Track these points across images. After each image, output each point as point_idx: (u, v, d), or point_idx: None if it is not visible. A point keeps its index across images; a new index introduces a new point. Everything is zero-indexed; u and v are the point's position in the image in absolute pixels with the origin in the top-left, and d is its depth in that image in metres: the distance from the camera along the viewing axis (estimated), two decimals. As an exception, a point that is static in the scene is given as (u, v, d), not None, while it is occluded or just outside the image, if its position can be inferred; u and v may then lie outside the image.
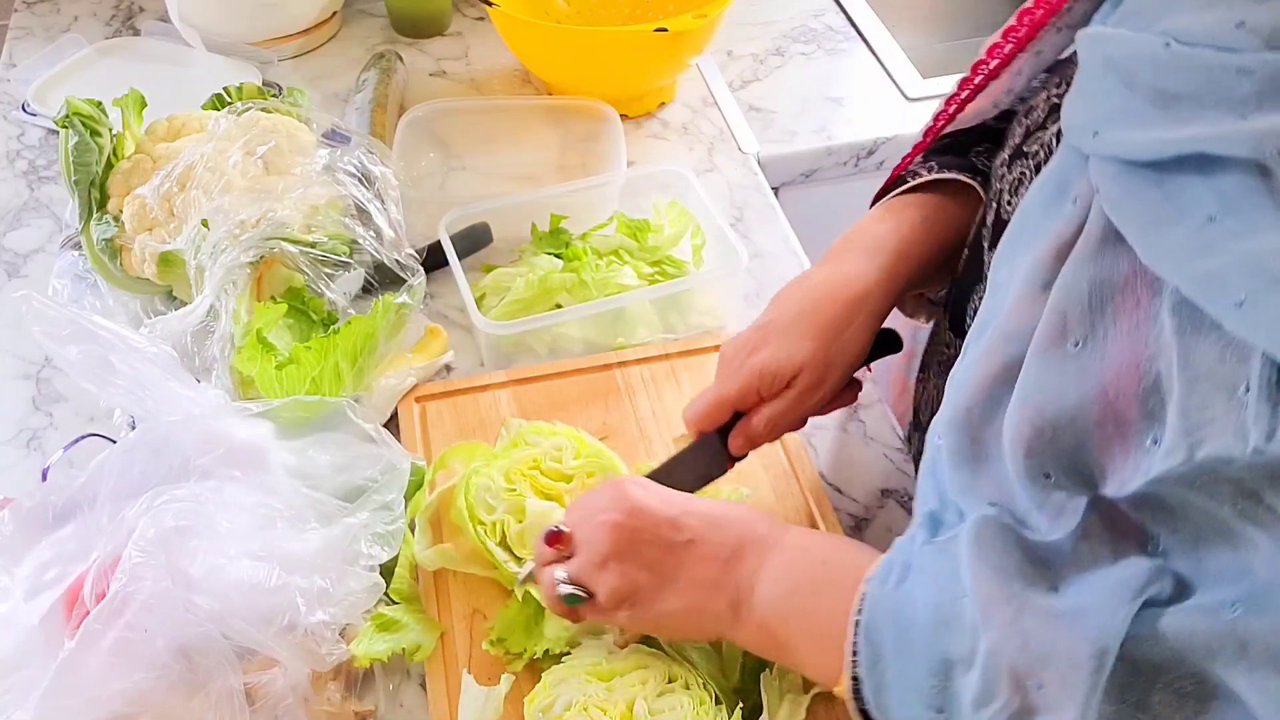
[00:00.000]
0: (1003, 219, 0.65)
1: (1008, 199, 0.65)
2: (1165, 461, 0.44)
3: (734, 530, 0.64)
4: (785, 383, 0.71)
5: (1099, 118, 0.52)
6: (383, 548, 0.74)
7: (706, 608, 0.63)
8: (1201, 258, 0.43)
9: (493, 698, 0.68)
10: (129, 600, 0.62)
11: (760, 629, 0.62)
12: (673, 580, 0.63)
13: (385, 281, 0.95)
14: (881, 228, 0.76)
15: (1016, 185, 0.65)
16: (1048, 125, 0.64)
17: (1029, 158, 0.64)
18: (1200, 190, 0.45)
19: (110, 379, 0.74)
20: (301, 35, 1.33)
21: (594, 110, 1.14)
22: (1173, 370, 0.44)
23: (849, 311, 0.72)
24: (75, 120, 0.95)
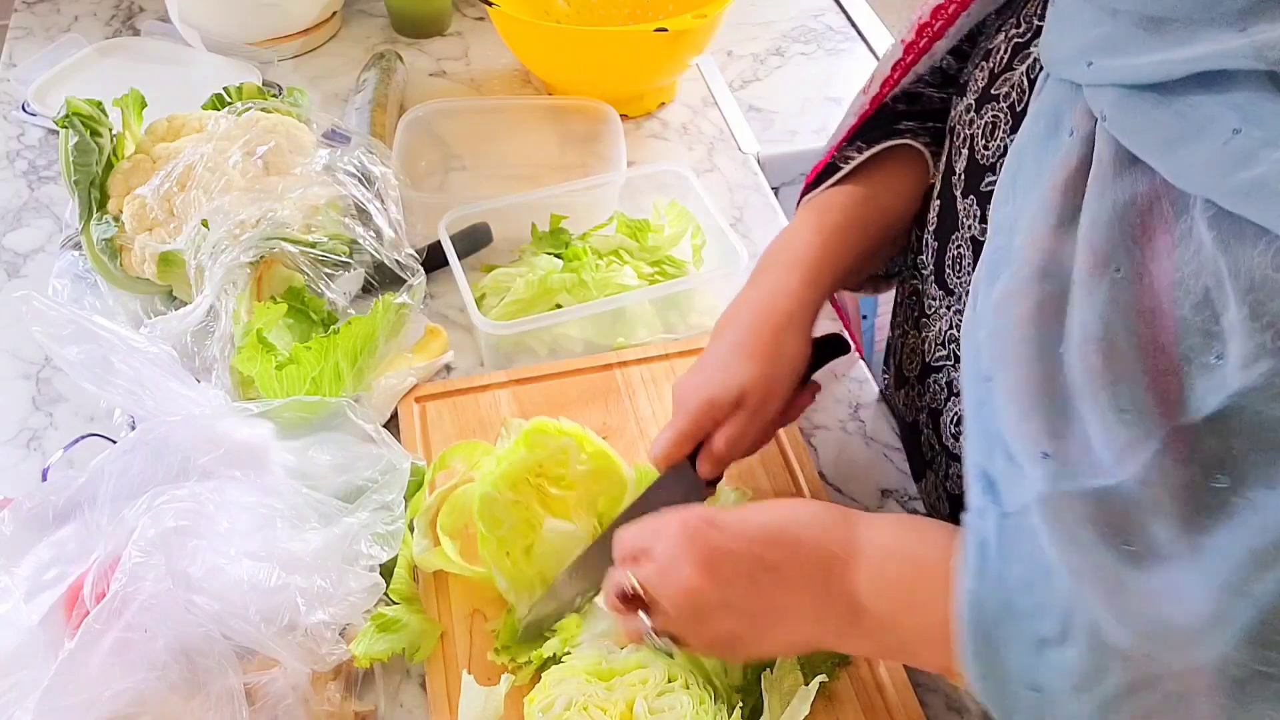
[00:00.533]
0: (978, 163, 0.67)
1: (982, 143, 0.66)
2: (1246, 374, 0.43)
3: (813, 548, 0.61)
4: (733, 407, 0.72)
5: (1087, 47, 0.52)
6: (383, 548, 0.74)
7: (814, 635, 0.61)
8: (1239, 170, 0.43)
9: (493, 698, 0.68)
10: (129, 600, 0.62)
11: (872, 641, 0.61)
12: (770, 616, 0.61)
13: (385, 281, 0.95)
14: (800, 240, 0.78)
15: (991, 129, 0.66)
16: (1014, 66, 0.64)
17: (999, 100, 0.65)
18: (1214, 106, 0.45)
19: (110, 379, 0.74)
20: (301, 35, 1.33)
21: (594, 110, 1.14)
22: (1224, 283, 0.44)
23: (778, 331, 0.74)
24: (75, 120, 0.95)
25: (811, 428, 0.90)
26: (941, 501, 0.79)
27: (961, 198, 0.69)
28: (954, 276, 0.72)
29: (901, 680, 0.71)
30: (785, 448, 0.86)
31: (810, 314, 0.76)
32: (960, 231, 0.70)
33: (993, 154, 0.66)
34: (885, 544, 0.60)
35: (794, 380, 0.75)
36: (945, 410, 0.76)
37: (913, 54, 0.73)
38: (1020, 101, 0.63)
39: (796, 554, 0.61)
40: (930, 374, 0.78)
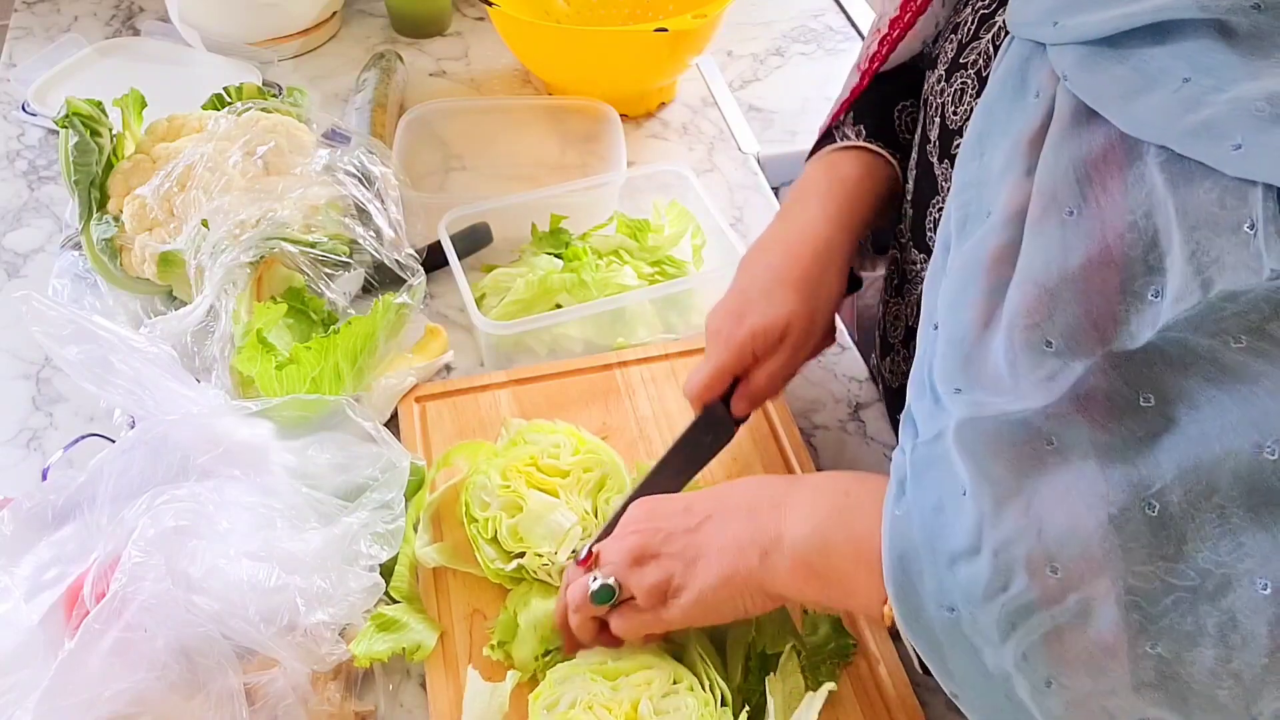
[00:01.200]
0: (949, 129, 0.69)
1: (952, 109, 0.69)
2: (1176, 307, 0.45)
3: (745, 491, 0.65)
4: (778, 340, 0.73)
5: (1054, 7, 0.54)
6: (383, 547, 0.74)
7: (740, 567, 0.63)
8: (1188, 114, 0.46)
9: (497, 694, 0.68)
10: (129, 600, 0.62)
11: (798, 568, 0.61)
12: (703, 556, 0.63)
13: (385, 281, 0.95)
14: (826, 179, 0.80)
15: (959, 95, 0.68)
16: (980, 36, 0.67)
17: (967, 68, 0.67)
18: (1165, 59, 0.48)
19: (110, 379, 0.74)
20: (301, 35, 1.33)
21: (594, 110, 1.14)
22: (1171, 223, 0.46)
23: (821, 260, 0.75)
24: (75, 120, 0.95)
25: (811, 428, 0.90)
26: None
27: (937, 163, 0.71)
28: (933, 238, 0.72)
29: (901, 680, 0.71)
30: (785, 448, 0.86)
31: (848, 246, 0.77)
32: (939, 196, 0.71)
33: (960, 118, 0.68)
34: (819, 482, 0.64)
35: (831, 314, 0.76)
36: None
37: (898, 28, 0.75)
38: (986, 67, 0.65)
39: (730, 499, 0.65)
40: (913, 337, 0.78)
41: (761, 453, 0.85)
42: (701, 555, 0.64)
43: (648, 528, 0.66)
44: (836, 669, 0.71)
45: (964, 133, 0.66)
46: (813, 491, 0.63)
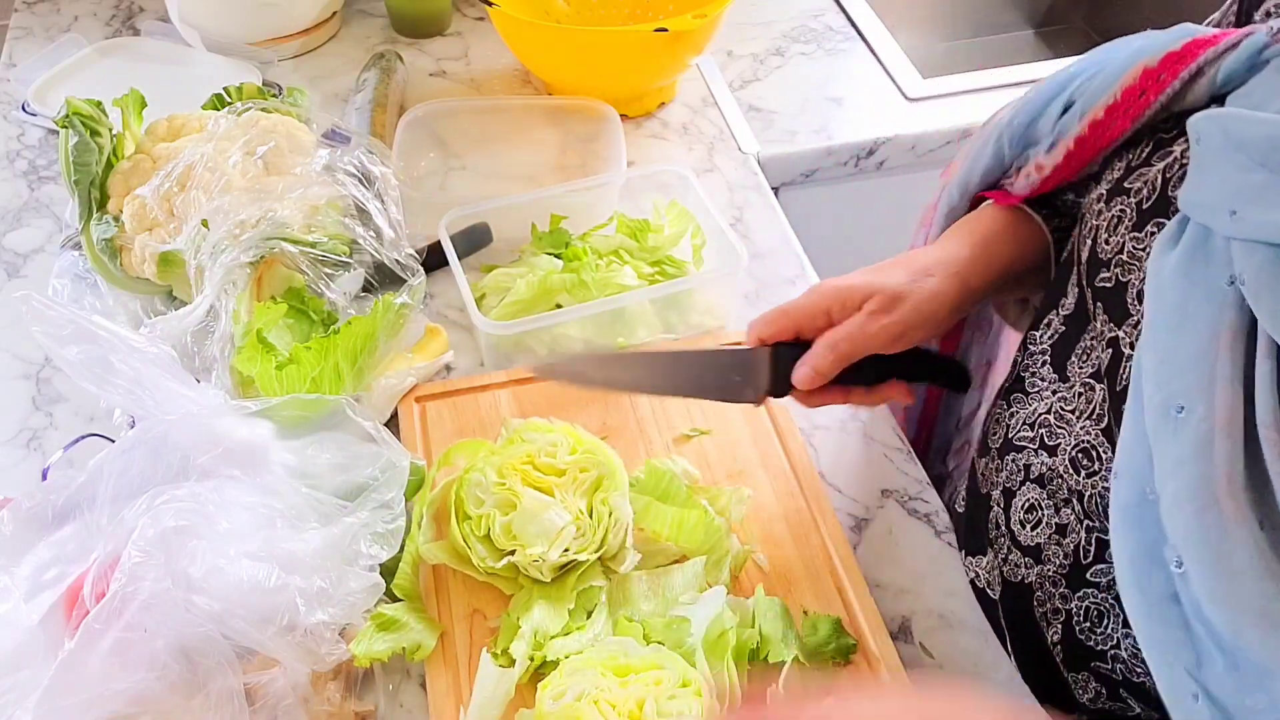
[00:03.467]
0: (1098, 256, 0.64)
1: (1105, 236, 0.64)
2: None
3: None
4: (857, 304, 0.69)
5: (1234, 195, 0.50)
6: (383, 547, 0.74)
7: None
8: None
9: (506, 679, 0.68)
10: (129, 600, 0.62)
11: None
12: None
13: (385, 281, 0.95)
14: (967, 221, 0.78)
15: (1115, 223, 0.63)
16: (1152, 162, 0.62)
17: (1129, 195, 0.62)
18: None
19: (110, 379, 0.74)
20: (301, 35, 1.33)
21: (594, 110, 1.14)
22: None
23: (936, 264, 0.72)
24: (75, 120, 0.95)
25: (811, 428, 0.90)
26: (994, 585, 0.76)
27: (1087, 286, 0.66)
28: (1077, 366, 0.68)
29: (902, 680, 0.71)
30: (786, 448, 0.86)
31: (970, 274, 0.72)
32: (1093, 324, 0.66)
33: (1112, 250, 0.63)
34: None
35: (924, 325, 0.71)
36: (1019, 493, 0.72)
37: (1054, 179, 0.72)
38: (1149, 199, 0.61)
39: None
40: (1010, 450, 0.74)
41: (761, 453, 0.85)
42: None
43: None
44: (837, 668, 0.71)
45: (1110, 266, 0.63)
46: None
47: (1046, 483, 0.69)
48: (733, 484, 0.82)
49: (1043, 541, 0.69)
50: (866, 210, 1.29)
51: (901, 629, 0.76)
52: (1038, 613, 0.70)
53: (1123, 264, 0.61)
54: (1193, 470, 0.50)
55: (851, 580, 0.76)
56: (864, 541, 0.82)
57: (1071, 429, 0.67)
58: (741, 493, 0.80)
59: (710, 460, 0.85)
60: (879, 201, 1.29)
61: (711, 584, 0.75)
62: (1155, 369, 0.54)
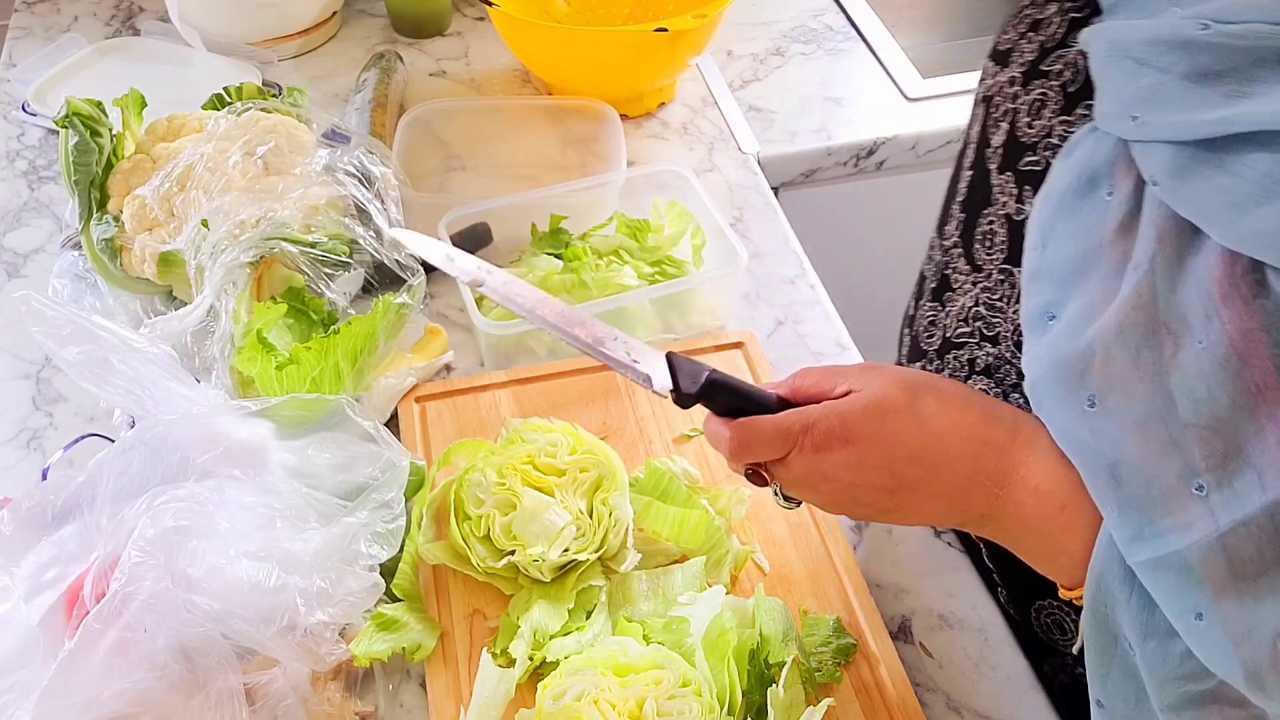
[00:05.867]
0: (1019, 140, 0.64)
1: (1026, 120, 0.64)
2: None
3: (957, 477, 0.58)
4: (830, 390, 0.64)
5: (1132, 99, 0.51)
6: (383, 547, 0.74)
7: (936, 522, 0.62)
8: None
9: (506, 679, 0.68)
10: (129, 600, 0.62)
11: (992, 536, 0.60)
12: (896, 514, 0.60)
13: (385, 281, 0.95)
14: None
15: (1038, 106, 0.63)
16: (1068, 44, 0.62)
17: (1050, 77, 0.63)
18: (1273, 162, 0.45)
19: (110, 379, 0.74)
20: (301, 35, 1.33)
21: (594, 110, 1.14)
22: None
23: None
24: (75, 120, 0.95)
25: (811, 428, 0.90)
26: None
27: (997, 172, 0.66)
28: (983, 253, 0.70)
29: (901, 680, 0.71)
30: (785, 448, 0.86)
31: None
32: (993, 208, 0.68)
33: (1037, 134, 0.63)
34: (1038, 484, 0.57)
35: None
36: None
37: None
38: (1074, 82, 0.61)
39: (938, 478, 0.58)
40: (951, 349, 0.75)
41: (761, 453, 0.85)
42: (898, 515, 0.60)
43: (845, 486, 0.59)
44: (837, 668, 0.71)
45: (1037, 149, 0.63)
46: (1027, 496, 0.57)
47: (994, 371, 0.70)
48: (733, 484, 0.82)
49: None
50: (866, 210, 1.29)
51: (901, 629, 0.76)
52: None
53: (1053, 147, 0.61)
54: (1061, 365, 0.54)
55: (851, 580, 0.76)
56: (864, 541, 0.82)
57: (1006, 314, 0.68)
58: (741, 493, 0.80)
59: (710, 460, 0.85)
60: (879, 201, 1.29)
61: (711, 584, 0.75)
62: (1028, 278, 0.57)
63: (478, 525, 0.75)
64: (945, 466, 0.57)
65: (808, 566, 0.78)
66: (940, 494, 0.58)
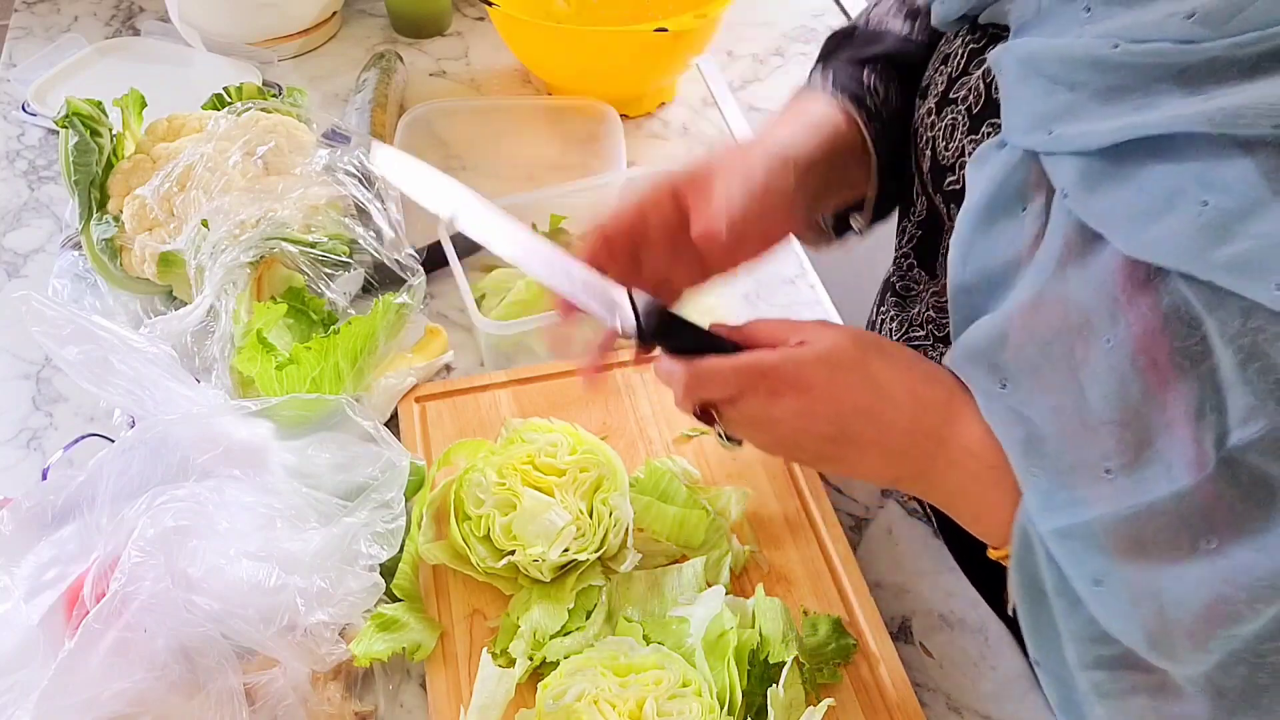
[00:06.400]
0: (940, 163, 0.69)
1: (943, 144, 0.68)
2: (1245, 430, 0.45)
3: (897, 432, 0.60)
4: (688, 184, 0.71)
5: (1048, 114, 0.54)
6: (383, 547, 0.74)
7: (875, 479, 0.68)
8: (1217, 245, 0.45)
9: (506, 679, 0.68)
10: (129, 600, 0.62)
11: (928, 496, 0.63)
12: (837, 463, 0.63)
13: (385, 281, 0.95)
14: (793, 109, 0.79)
15: (950, 130, 0.68)
16: (970, 71, 0.67)
17: (958, 103, 0.67)
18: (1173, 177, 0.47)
19: (110, 379, 0.74)
20: (301, 35, 1.33)
21: (594, 110, 1.14)
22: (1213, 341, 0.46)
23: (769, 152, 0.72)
24: (75, 120, 0.95)
25: (811, 428, 0.90)
26: None
27: (934, 194, 0.71)
28: (942, 265, 0.73)
29: (901, 680, 0.71)
30: (785, 448, 0.86)
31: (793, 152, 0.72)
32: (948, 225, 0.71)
33: (953, 155, 0.67)
34: (970, 444, 0.59)
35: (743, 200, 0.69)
36: None
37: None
38: (977, 105, 0.65)
39: (881, 433, 0.60)
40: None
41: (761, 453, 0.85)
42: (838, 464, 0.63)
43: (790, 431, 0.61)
44: (836, 668, 0.71)
45: (955, 170, 0.67)
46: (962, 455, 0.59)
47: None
48: (733, 484, 0.82)
49: None
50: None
51: (901, 629, 0.76)
52: None
53: (965, 165, 0.65)
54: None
55: (851, 580, 0.76)
56: (864, 541, 0.82)
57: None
58: (741, 493, 0.80)
59: (710, 460, 0.85)
60: (879, 201, 1.29)
61: (711, 584, 0.75)
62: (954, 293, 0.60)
63: (478, 525, 0.75)
64: (889, 423, 0.60)
65: (808, 566, 0.78)
66: (881, 448, 0.60)
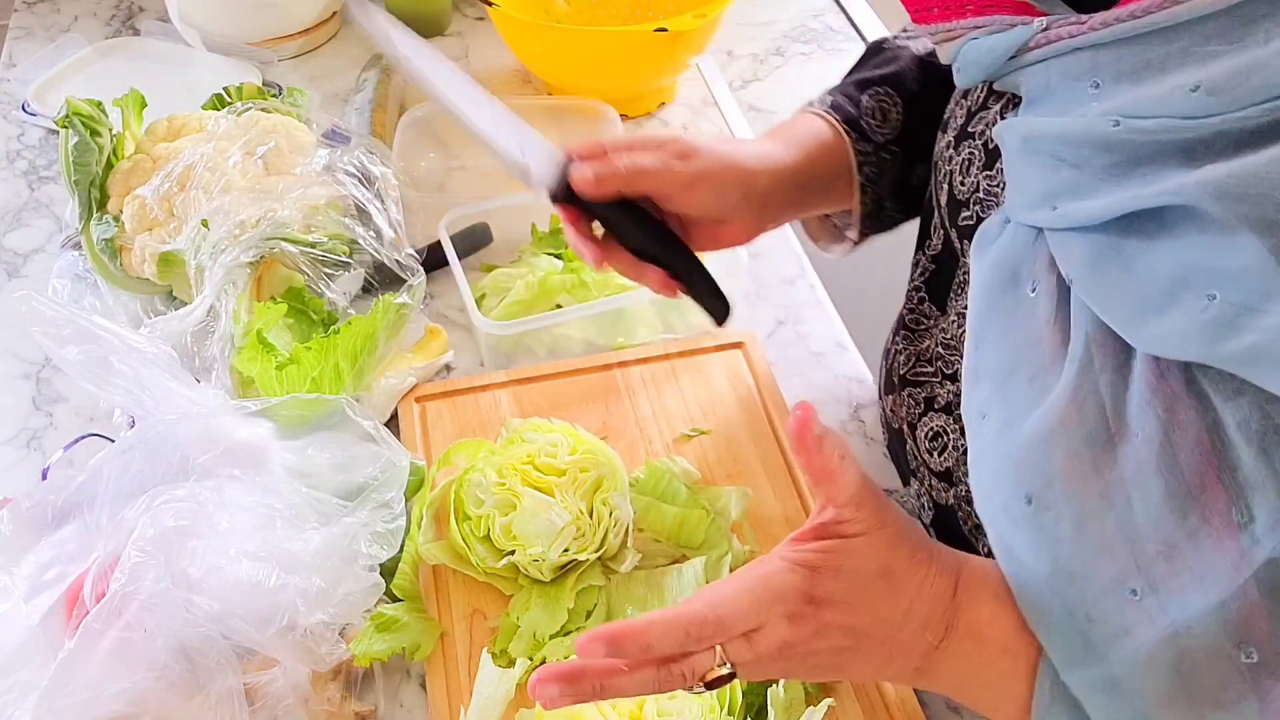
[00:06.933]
0: (956, 198, 0.68)
1: (959, 179, 0.68)
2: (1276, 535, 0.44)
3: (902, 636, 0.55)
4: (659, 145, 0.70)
5: (1052, 191, 0.53)
6: (383, 547, 0.74)
7: (871, 678, 0.64)
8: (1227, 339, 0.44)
9: (506, 679, 0.68)
10: (129, 600, 0.62)
11: (934, 689, 0.59)
12: (834, 670, 0.56)
13: (385, 281, 0.95)
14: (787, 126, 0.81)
15: (967, 165, 0.67)
16: (989, 105, 0.66)
17: (975, 138, 0.66)
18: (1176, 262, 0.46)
19: (110, 379, 0.74)
20: (301, 35, 1.33)
21: (594, 110, 1.14)
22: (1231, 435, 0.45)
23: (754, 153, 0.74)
24: (75, 120, 0.95)
25: (811, 428, 0.90)
26: (925, 510, 0.78)
27: (950, 228, 0.70)
28: (953, 301, 0.72)
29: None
30: (785, 448, 0.86)
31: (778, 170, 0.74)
32: (962, 261, 0.70)
33: (968, 190, 0.67)
34: (979, 628, 0.56)
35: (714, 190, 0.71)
36: (919, 424, 0.75)
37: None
38: (993, 140, 0.64)
39: (889, 637, 0.55)
40: (908, 386, 0.77)
41: (761, 453, 0.85)
42: (835, 670, 0.57)
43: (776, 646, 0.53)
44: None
45: (969, 205, 0.66)
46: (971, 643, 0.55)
47: (953, 409, 0.71)
48: (733, 484, 0.82)
49: (951, 465, 0.71)
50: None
51: (901, 629, 0.76)
52: (964, 529, 0.72)
53: (980, 201, 0.65)
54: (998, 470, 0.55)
55: (851, 580, 0.76)
56: (864, 541, 0.82)
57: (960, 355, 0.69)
58: (741, 492, 0.80)
59: (710, 460, 0.85)
60: (879, 201, 1.29)
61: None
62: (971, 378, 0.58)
63: (478, 525, 0.75)
64: (900, 627, 0.55)
65: (808, 566, 0.78)
66: (882, 652, 0.55)
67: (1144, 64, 0.50)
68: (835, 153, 0.80)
